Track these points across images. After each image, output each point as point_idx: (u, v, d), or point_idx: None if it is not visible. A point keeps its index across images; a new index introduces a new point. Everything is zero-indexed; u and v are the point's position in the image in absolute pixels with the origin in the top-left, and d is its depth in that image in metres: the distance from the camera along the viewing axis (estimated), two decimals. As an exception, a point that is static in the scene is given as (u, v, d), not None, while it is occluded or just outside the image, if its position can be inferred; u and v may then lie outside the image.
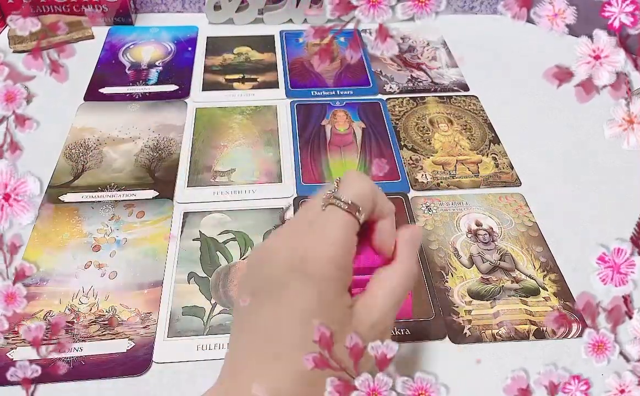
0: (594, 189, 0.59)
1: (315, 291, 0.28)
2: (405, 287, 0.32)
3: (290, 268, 0.29)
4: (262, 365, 0.27)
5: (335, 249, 0.29)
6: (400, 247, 0.33)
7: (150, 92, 0.70)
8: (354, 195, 0.31)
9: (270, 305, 0.29)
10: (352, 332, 0.27)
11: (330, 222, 0.30)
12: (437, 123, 0.67)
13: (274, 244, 0.31)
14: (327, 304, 0.28)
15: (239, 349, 0.30)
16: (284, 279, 0.29)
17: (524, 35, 0.79)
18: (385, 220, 0.33)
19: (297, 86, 0.72)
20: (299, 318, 0.28)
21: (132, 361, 0.43)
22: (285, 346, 0.27)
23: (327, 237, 0.29)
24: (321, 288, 0.28)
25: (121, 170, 0.59)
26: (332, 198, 0.31)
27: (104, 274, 0.49)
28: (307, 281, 0.28)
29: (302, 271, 0.28)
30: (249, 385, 0.27)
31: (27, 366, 0.25)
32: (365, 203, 0.31)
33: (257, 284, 0.30)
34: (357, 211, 0.30)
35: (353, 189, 0.31)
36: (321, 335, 0.25)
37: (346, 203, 0.30)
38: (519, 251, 0.52)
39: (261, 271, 0.30)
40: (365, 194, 0.31)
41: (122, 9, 0.80)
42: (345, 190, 0.31)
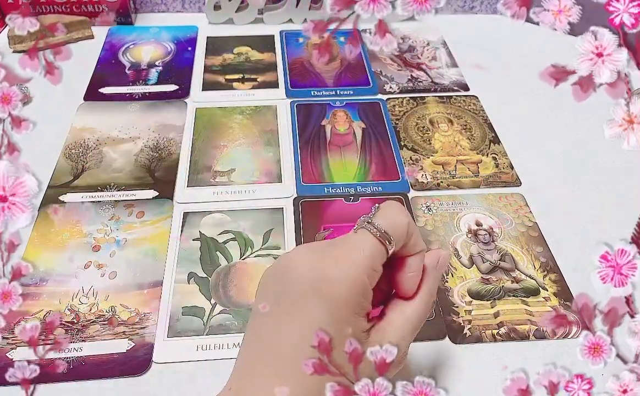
0: (594, 189, 0.58)
1: (328, 311, 0.28)
2: (423, 317, 0.32)
3: (308, 284, 0.29)
4: (269, 378, 0.27)
5: (356, 272, 0.29)
6: (424, 274, 0.33)
7: (150, 92, 0.70)
8: (389, 224, 0.30)
9: (285, 317, 0.29)
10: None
11: (359, 244, 0.30)
12: (437, 123, 0.67)
13: (297, 256, 0.31)
14: (339, 326, 0.28)
15: (249, 356, 0.29)
16: (301, 294, 0.28)
17: (524, 35, 0.79)
18: (415, 258, 0.32)
19: (297, 85, 0.72)
20: (309, 337, 0.27)
21: (132, 361, 0.43)
22: (293, 362, 0.27)
23: (350, 258, 0.29)
24: (334, 308, 0.28)
25: (121, 170, 0.59)
26: (366, 223, 0.30)
27: (103, 274, 0.49)
28: (321, 300, 0.28)
29: (319, 289, 0.28)
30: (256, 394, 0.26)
31: (26, 366, 0.25)
32: (398, 236, 0.30)
33: (276, 293, 0.30)
34: (388, 241, 0.30)
35: (389, 219, 0.30)
36: (320, 340, 0.25)
37: (379, 230, 0.30)
38: (519, 251, 0.52)
39: (281, 281, 0.30)
40: (400, 226, 0.30)
41: (122, 9, 0.80)
42: (382, 218, 0.30)
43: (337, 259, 0.29)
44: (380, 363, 0.24)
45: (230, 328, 0.45)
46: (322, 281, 0.28)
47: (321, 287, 0.28)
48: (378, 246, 0.30)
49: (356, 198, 0.56)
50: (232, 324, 0.45)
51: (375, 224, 0.30)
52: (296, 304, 0.28)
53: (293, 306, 0.28)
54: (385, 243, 0.30)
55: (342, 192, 0.57)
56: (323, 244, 0.31)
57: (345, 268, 0.29)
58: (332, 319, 0.28)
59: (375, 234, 0.30)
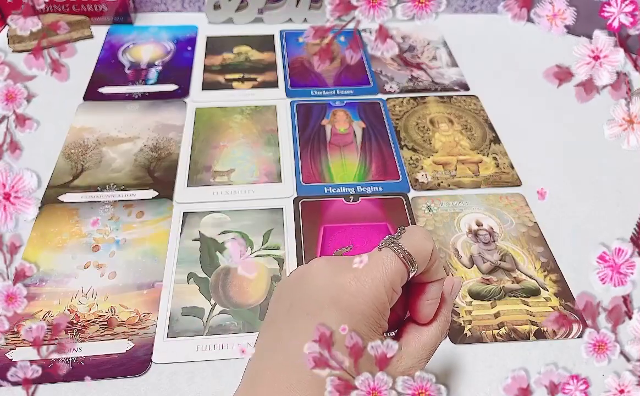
0: (595, 189, 0.58)
1: (346, 325, 0.27)
2: (439, 342, 0.32)
3: (327, 295, 0.28)
4: (282, 388, 0.27)
5: (376, 288, 0.28)
6: (441, 301, 0.33)
7: (150, 92, 0.69)
8: (414, 248, 0.30)
9: (301, 326, 0.28)
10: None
11: (381, 262, 0.29)
12: (438, 123, 0.66)
13: (317, 267, 0.30)
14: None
15: (261, 365, 0.29)
16: (319, 304, 0.28)
17: (524, 35, 0.79)
18: (435, 285, 0.32)
19: (297, 85, 0.72)
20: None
21: (132, 361, 0.43)
22: (306, 375, 0.26)
23: (372, 274, 0.29)
24: (353, 322, 0.28)
25: (120, 170, 0.59)
26: (390, 242, 0.30)
27: (103, 274, 0.48)
28: (340, 312, 0.28)
29: (338, 301, 0.28)
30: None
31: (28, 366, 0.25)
32: (422, 261, 0.30)
33: (293, 302, 0.29)
34: (411, 264, 0.30)
35: (414, 242, 0.30)
36: (321, 334, 0.25)
37: (403, 251, 0.30)
38: (519, 251, 0.52)
39: (298, 290, 0.30)
40: (425, 251, 0.30)
41: (122, 9, 0.80)
42: (407, 240, 0.30)
43: (358, 274, 0.29)
44: (380, 357, 0.24)
45: (230, 329, 0.45)
46: (341, 294, 0.28)
47: (340, 300, 0.28)
48: (401, 267, 0.30)
49: (356, 198, 0.56)
50: (232, 324, 0.45)
51: (400, 245, 0.30)
52: (313, 314, 0.28)
53: (310, 315, 0.28)
54: (408, 265, 0.30)
55: (342, 192, 0.57)
56: (343, 259, 0.31)
57: (366, 283, 0.28)
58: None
59: (399, 255, 0.30)
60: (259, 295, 0.47)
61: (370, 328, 0.28)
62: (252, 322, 0.45)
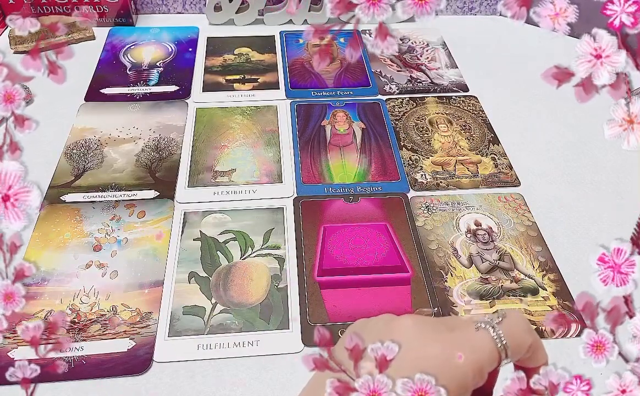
0: (594, 189, 0.59)
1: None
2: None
3: (408, 357, 0.27)
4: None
5: (464, 371, 0.27)
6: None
7: (151, 93, 0.70)
8: (514, 340, 0.28)
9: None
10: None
11: (477, 342, 0.28)
12: (437, 123, 0.67)
13: (406, 324, 0.29)
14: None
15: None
16: (399, 366, 0.26)
17: (523, 35, 0.79)
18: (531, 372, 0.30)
19: (297, 86, 0.72)
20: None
21: (133, 360, 0.43)
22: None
23: (463, 353, 0.27)
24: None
25: (122, 170, 0.59)
26: (490, 327, 0.29)
27: (104, 273, 0.49)
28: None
29: (419, 367, 0.26)
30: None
31: (26, 365, 0.25)
32: (516, 354, 0.29)
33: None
34: (505, 355, 0.28)
35: (514, 333, 0.29)
36: (321, 336, 0.25)
37: (501, 340, 0.28)
38: (518, 250, 0.52)
39: (382, 338, 0.28)
40: (522, 346, 0.29)
41: (123, 10, 0.80)
42: (508, 329, 0.29)
43: (447, 349, 0.27)
44: (381, 360, 0.24)
45: (230, 328, 0.45)
46: (424, 365, 0.26)
47: (422, 366, 0.26)
48: (494, 355, 0.28)
49: (356, 198, 0.57)
50: (233, 323, 0.45)
51: (499, 332, 0.28)
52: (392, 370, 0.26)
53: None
54: (502, 355, 0.28)
55: (342, 193, 0.57)
56: (436, 323, 0.29)
57: (456, 360, 0.27)
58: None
59: (496, 343, 0.28)
60: (260, 294, 0.47)
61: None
62: (253, 321, 0.46)
